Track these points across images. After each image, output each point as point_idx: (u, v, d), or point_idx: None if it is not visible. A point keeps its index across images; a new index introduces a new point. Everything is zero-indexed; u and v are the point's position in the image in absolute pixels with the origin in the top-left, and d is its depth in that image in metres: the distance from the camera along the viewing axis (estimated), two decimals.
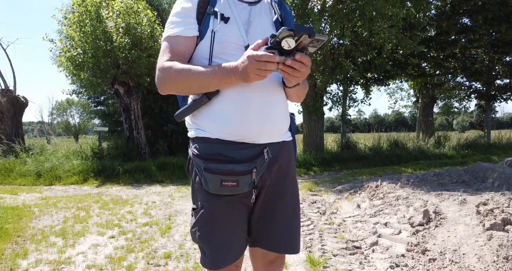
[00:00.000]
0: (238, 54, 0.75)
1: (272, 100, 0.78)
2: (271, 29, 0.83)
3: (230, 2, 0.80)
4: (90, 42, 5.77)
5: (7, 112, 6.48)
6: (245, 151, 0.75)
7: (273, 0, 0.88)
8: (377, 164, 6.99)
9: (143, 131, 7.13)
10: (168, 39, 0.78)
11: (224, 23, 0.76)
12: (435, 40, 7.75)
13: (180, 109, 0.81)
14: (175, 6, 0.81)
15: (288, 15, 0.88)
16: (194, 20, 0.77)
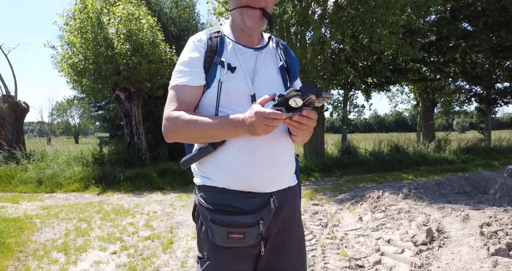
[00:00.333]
0: (244, 103, 0.76)
1: (278, 148, 0.79)
2: (276, 76, 0.84)
3: (236, 50, 0.81)
4: (92, 48, 5.78)
5: (8, 118, 6.49)
6: (251, 201, 0.75)
7: (279, 47, 0.89)
8: (378, 169, 6.99)
9: (144, 136, 7.13)
10: (176, 88, 0.78)
11: (231, 72, 0.77)
12: (436, 45, 7.77)
13: (185, 157, 0.82)
14: (183, 54, 0.82)
15: (293, 61, 0.88)
16: (201, 70, 0.78)
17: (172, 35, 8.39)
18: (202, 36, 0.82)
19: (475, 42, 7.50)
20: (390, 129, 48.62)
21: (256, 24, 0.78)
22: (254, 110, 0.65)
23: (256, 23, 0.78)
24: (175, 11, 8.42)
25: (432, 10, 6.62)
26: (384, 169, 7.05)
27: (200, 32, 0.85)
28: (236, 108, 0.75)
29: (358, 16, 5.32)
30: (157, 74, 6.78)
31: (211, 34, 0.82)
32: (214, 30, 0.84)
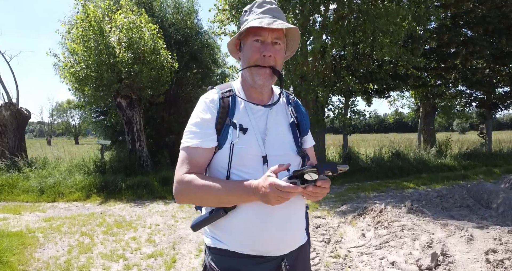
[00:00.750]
0: (256, 165, 0.76)
1: (291, 210, 0.79)
2: (287, 134, 0.84)
3: (247, 109, 0.81)
4: (94, 57, 5.80)
5: (10, 125, 6.50)
6: (263, 266, 0.75)
7: (289, 103, 0.89)
8: (379, 176, 6.99)
9: (145, 143, 7.14)
10: (187, 150, 0.78)
11: (243, 133, 0.77)
12: (436, 52, 7.79)
13: (196, 220, 0.81)
14: (194, 115, 0.82)
15: (304, 117, 0.89)
16: (214, 131, 0.78)
17: (175, 41, 8.41)
18: (214, 96, 0.82)
19: (475, 48, 7.52)
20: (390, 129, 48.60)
21: (267, 82, 0.79)
22: (268, 181, 0.65)
23: (266, 81, 0.79)
24: (177, 17, 8.44)
25: (433, 18, 6.65)
26: (386, 175, 7.04)
27: (212, 91, 0.84)
28: (248, 170, 0.76)
29: (359, 26, 5.34)
30: (158, 81, 6.80)
31: (223, 93, 0.82)
32: (226, 88, 0.84)
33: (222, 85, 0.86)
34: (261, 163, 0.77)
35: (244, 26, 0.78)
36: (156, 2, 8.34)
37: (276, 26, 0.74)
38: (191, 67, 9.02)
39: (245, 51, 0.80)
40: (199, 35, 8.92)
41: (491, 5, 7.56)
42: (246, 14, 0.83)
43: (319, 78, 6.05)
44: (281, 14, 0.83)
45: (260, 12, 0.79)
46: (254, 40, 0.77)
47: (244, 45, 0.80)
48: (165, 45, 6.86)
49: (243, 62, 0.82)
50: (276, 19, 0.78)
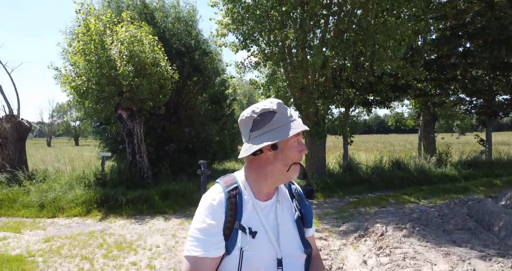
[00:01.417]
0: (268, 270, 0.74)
1: None
2: (294, 230, 0.83)
3: (256, 207, 0.79)
4: (94, 70, 5.82)
5: (11, 137, 6.50)
6: None
7: (294, 197, 0.89)
8: (379, 187, 6.98)
9: (146, 154, 7.14)
10: (192, 260, 0.73)
11: (252, 237, 0.74)
12: (436, 63, 7.82)
13: None
14: (199, 218, 0.77)
15: (308, 210, 0.89)
16: (221, 238, 0.74)
17: (176, 51, 8.44)
18: (220, 196, 0.78)
19: (475, 60, 7.55)
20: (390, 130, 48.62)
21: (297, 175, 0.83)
22: None
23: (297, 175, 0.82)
24: (178, 28, 8.48)
25: (432, 29, 6.68)
26: (386, 187, 7.04)
27: (217, 190, 0.80)
28: None
29: (359, 40, 5.36)
30: (159, 93, 6.82)
31: (229, 193, 0.78)
32: (231, 185, 0.81)
33: (227, 179, 0.83)
34: (275, 267, 0.75)
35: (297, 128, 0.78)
36: (158, 13, 8.39)
37: (305, 127, 0.81)
38: (192, 76, 9.05)
39: (287, 151, 0.79)
40: (200, 45, 8.96)
41: (491, 16, 7.60)
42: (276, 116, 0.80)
43: (319, 90, 6.07)
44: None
45: (291, 113, 0.83)
46: (295, 141, 0.81)
47: (284, 145, 0.79)
48: (165, 57, 6.90)
49: (280, 161, 0.79)
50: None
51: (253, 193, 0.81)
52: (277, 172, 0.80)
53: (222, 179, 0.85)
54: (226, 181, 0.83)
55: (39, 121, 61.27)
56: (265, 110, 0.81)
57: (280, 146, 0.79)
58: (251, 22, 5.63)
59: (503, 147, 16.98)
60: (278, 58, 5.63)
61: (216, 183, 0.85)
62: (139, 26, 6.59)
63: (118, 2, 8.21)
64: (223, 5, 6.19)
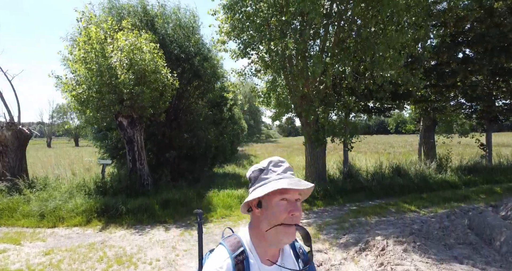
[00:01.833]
0: None
1: None
2: None
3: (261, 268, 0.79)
4: (95, 78, 5.83)
5: (11, 145, 6.50)
6: None
7: (298, 257, 0.89)
8: (380, 195, 6.98)
9: (146, 161, 7.14)
10: None
11: None
12: (436, 70, 7.83)
13: None
14: None
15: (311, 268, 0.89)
16: None
17: (176, 57, 8.46)
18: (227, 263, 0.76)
19: (475, 67, 7.56)
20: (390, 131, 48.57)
21: (292, 239, 0.78)
22: None
23: (292, 239, 0.78)
24: (178, 34, 8.50)
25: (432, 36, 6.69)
26: (386, 194, 7.04)
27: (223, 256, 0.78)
28: None
29: (359, 50, 5.38)
30: (159, 100, 6.83)
31: (236, 258, 0.77)
32: (237, 250, 0.79)
33: (232, 242, 0.81)
34: None
35: (271, 187, 0.77)
36: (159, 20, 8.41)
37: (301, 187, 0.76)
38: (192, 81, 9.05)
39: (270, 210, 0.78)
40: (200, 50, 8.98)
41: (490, 23, 7.62)
42: (263, 173, 0.82)
43: (320, 98, 6.08)
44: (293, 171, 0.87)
45: (281, 171, 0.81)
46: (281, 199, 0.77)
47: (268, 203, 0.78)
48: (165, 63, 6.91)
49: (265, 221, 0.79)
50: (299, 179, 0.81)
51: (259, 257, 0.80)
52: (270, 235, 0.78)
53: (227, 241, 0.83)
54: (231, 244, 0.81)
55: (39, 121, 60.98)
56: (256, 168, 0.85)
57: (263, 204, 0.79)
58: (251, 31, 5.65)
59: (503, 149, 16.99)
60: (278, 66, 5.65)
61: (220, 245, 0.83)
62: (139, 34, 6.60)
63: (119, 8, 8.23)
64: (224, 14, 6.21)
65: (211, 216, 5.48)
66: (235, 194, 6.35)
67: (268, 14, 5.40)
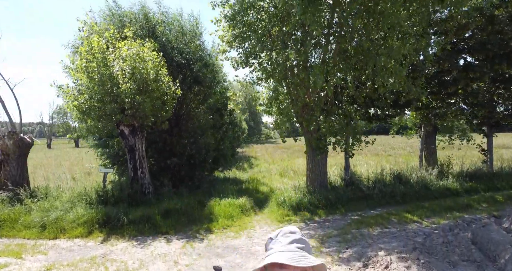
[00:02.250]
0: None
1: None
2: None
3: None
4: (97, 88, 5.84)
5: (12, 154, 6.50)
6: None
7: None
8: (381, 203, 6.97)
9: (147, 169, 7.14)
10: None
11: None
12: (437, 77, 7.84)
13: None
14: None
15: None
16: None
17: (177, 64, 8.48)
18: None
19: (476, 75, 7.57)
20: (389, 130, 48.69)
21: None
22: None
23: None
24: (180, 41, 8.52)
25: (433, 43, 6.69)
26: (388, 202, 7.02)
27: None
28: None
29: (360, 61, 5.38)
30: (161, 109, 6.84)
31: None
32: None
33: None
34: None
35: (269, 260, 0.76)
36: (160, 27, 8.44)
37: (301, 264, 0.73)
38: (193, 87, 9.06)
39: None
40: (201, 57, 9.00)
41: (491, 30, 7.64)
42: (272, 242, 0.82)
43: (320, 107, 6.08)
44: (307, 244, 0.82)
45: (287, 243, 0.78)
46: None
47: None
48: (167, 72, 6.92)
49: None
50: (302, 253, 0.77)
51: None
52: None
53: None
54: None
55: (39, 122, 61.00)
56: (269, 236, 0.85)
57: None
58: (252, 40, 5.66)
59: (504, 150, 16.90)
60: (279, 76, 5.65)
61: None
62: (142, 43, 6.61)
63: (121, 16, 8.25)
64: (225, 22, 6.23)
65: (213, 226, 5.47)
66: (236, 203, 6.33)
67: (269, 24, 5.42)
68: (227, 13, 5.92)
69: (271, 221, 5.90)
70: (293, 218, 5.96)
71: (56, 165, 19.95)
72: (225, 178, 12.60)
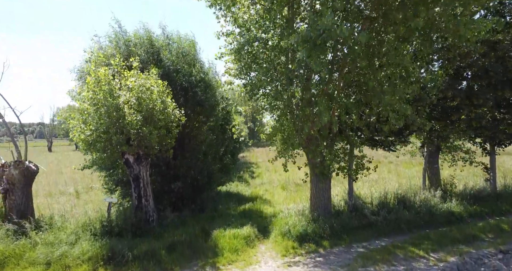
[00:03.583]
0: None
1: None
2: None
3: None
4: (104, 120, 5.89)
5: (18, 183, 6.52)
6: None
7: None
8: (386, 232, 6.95)
9: (152, 197, 7.14)
10: None
11: None
12: (440, 105, 7.88)
13: None
14: None
15: None
16: None
17: (180, 87, 8.54)
18: None
19: (479, 101, 7.60)
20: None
21: None
22: None
23: None
24: (182, 65, 8.60)
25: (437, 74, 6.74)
26: (393, 231, 7.00)
27: None
28: None
29: (365, 97, 5.43)
30: (166, 137, 6.87)
31: None
32: None
33: None
34: None
35: None
36: (164, 51, 8.52)
37: None
38: (195, 109, 9.11)
39: None
40: (203, 79, 9.07)
41: (493, 56, 7.69)
42: None
43: (324, 138, 6.10)
44: None
45: None
46: None
47: None
48: (172, 99, 6.97)
49: None
50: None
51: None
52: None
53: None
54: None
55: (39, 122, 61.06)
56: None
57: None
58: (258, 74, 5.72)
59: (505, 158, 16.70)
60: (285, 110, 5.69)
61: None
62: (148, 73, 6.68)
63: (126, 40, 8.35)
64: (230, 54, 6.31)
65: (218, 261, 5.44)
66: (241, 235, 6.31)
67: (275, 59, 5.49)
68: (233, 46, 6.00)
69: (276, 253, 5.87)
70: (298, 251, 5.93)
71: (57, 172, 19.97)
72: (227, 193, 12.57)
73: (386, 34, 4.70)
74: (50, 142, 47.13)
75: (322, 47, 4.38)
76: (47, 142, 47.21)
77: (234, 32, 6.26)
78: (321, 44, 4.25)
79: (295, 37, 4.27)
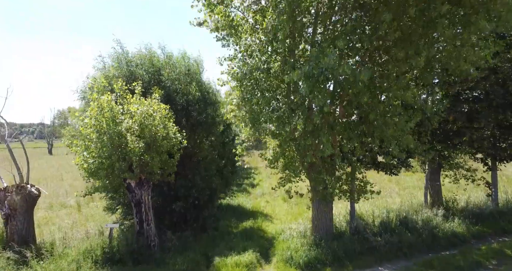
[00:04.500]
0: None
1: None
2: None
3: None
4: (107, 148, 5.90)
5: (20, 208, 6.52)
6: None
7: None
8: (389, 257, 6.90)
9: (153, 221, 7.11)
10: None
11: None
12: (442, 128, 7.89)
13: None
14: None
15: None
16: None
17: (181, 107, 8.56)
18: None
19: (480, 125, 7.62)
20: None
21: None
22: None
23: None
24: (184, 83, 8.63)
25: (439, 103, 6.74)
26: (395, 255, 6.96)
27: None
28: None
29: (367, 128, 5.44)
30: (168, 162, 6.88)
31: None
32: None
33: None
34: None
35: None
36: (165, 71, 8.57)
37: None
38: (197, 127, 9.11)
39: None
40: (205, 98, 9.09)
41: (494, 79, 7.72)
42: None
43: (327, 166, 6.11)
44: None
45: None
46: None
47: None
48: (174, 121, 6.98)
49: None
50: None
51: None
52: None
53: None
54: None
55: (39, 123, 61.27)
56: None
57: None
58: (260, 105, 5.74)
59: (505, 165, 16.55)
60: (287, 140, 5.70)
61: None
62: (150, 98, 6.71)
63: (128, 61, 8.40)
64: (232, 80, 6.33)
65: None
66: (243, 262, 6.27)
67: (277, 91, 5.51)
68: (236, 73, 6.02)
69: None
70: None
71: (58, 179, 19.87)
72: (228, 206, 12.51)
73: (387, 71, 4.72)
74: (50, 145, 47.18)
75: (324, 83, 4.41)
76: (48, 145, 47.27)
77: (237, 56, 6.29)
78: (323, 81, 4.28)
79: (298, 74, 4.30)
